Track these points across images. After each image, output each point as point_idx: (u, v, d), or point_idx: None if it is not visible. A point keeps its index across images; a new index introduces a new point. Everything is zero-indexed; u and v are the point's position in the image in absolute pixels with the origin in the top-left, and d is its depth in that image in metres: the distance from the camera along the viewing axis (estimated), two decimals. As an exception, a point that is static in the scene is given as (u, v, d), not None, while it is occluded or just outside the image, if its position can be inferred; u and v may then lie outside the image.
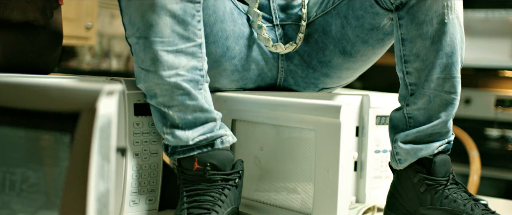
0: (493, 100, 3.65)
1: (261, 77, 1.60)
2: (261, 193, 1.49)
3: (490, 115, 3.65)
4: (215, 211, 1.31)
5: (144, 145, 1.40)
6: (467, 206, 1.42)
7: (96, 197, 0.93)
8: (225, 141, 1.38)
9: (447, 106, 1.43)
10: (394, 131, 1.49)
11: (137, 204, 1.40)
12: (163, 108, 1.34)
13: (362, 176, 1.75)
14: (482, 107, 3.68)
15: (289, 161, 1.44)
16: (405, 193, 1.48)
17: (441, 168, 1.45)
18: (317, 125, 1.34)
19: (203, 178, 1.35)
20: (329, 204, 1.31)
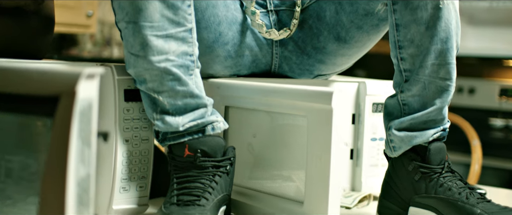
0: (497, 90, 3.62)
1: (255, 64, 1.58)
2: (254, 180, 1.47)
3: (494, 105, 3.61)
4: (205, 198, 1.29)
5: (135, 131, 1.39)
6: (462, 194, 1.40)
7: (76, 182, 0.91)
8: (216, 128, 1.36)
9: (442, 92, 1.41)
10: (388, 118, 1.47)
11: (127, 190, 1.39)
12: (153, 93, 1.32)
13: (358, 164, 1.73)
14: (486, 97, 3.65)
15: (282, 148, 1.42)
16: (399, 181, 1.46)
17: (436, 156, 1.43)
18: (309, 111, 1.32)
19: (194, 164, 1.33)
20: (321, 192, 1.29)
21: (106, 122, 1.37)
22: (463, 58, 3.66)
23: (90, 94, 0.93)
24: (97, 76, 0.94)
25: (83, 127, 0.92)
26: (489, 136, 3.43)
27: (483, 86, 3.68)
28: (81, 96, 0.90)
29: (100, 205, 1.38)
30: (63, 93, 0.91)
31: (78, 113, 0.90)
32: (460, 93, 3.72)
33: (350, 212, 1.61)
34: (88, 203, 0.94)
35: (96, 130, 0.94)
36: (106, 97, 1.37)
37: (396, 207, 1.46)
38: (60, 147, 0.90)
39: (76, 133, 0.90)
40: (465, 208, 1.38)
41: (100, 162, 1.38)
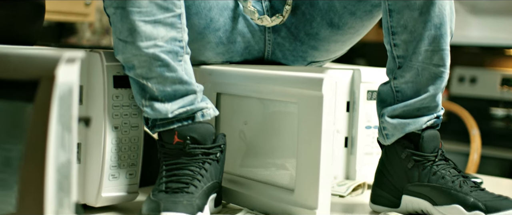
0: (499, 79, 3.60)
1: (248, 50, 1.57)
2: (245, 168, 1.46)
3: (496, 95, 3.59)
4: (194, 186, 1.28)
5: (124, 118, 1.37)
6: (455, 182, 1.38)
7: (56, 168, 0.90)
8: (206, 114, 1.35)
9: (435, 79, 1.39)
10: (381, 105, 1.45)
11: (117, 178, 1.37)
12: (141, 80, 1.31)
13: (352, 152, 1.72)
14: (488, 86, 3.62)
15: (273, 135, 1.40)
16: (392, 169, 1.44)
17: (429, 144, 1.41)
18: (300, 98, 1.30)
19: (183, 152, 1.32)
20: (311, 179, 1.28)
21: (95, 109, 1.35)
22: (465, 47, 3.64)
23: (70, 78, 0.91)
24: (77, 60, 0.92)
25: (63, 112, 0.90)
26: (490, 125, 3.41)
27: (485, 76, 3.65)
28: (61, 80, 0.89)
29: (89, 192, 1.37)
30: (42, 78, 0.89)
31: (58, 97, 0.89)
32: (462, 82, 3.70)
33: (344, 201, 1.60)
34: (69, 189, 0.93)
35: (77, 115, 0.93)
36: (95, 83, 1.35)
37: (389, 195, 1.45)
38: (40, 132, 0.88)
39: (56, 118, 0.89)
40: (458, 196, 1.36)
41: (88, 149, 1.36)
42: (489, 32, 3.56)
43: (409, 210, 1.44)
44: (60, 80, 0.89)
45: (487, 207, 1.33)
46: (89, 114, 1.36)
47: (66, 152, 0.92)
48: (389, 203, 1.45)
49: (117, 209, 1.40)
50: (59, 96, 0.89)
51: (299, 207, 1.30)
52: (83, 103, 1.36)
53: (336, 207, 1.52)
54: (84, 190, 1.37)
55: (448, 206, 1.37)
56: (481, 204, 1.33)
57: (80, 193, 1.37)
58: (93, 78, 1.35)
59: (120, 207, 1.41)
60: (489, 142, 3.17)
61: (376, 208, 1.48)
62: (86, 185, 1.37)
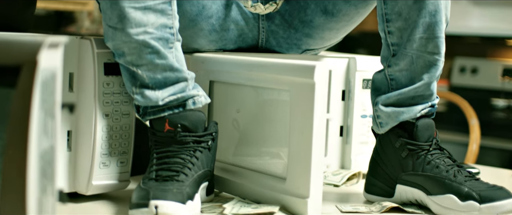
0: (500, 70, 3.58)
1: (242, 38, 1.55)
2: (238, 157, 1.44)
3: (497, 85, 3.57)
4: (184, 174, 1.26)
5: (115, 106, 1.36)
6: (449, 172, 1.37)
7: (39, 154, 0.88)
8: (197, 102, 1.33)
9: (430, 67, 1.37)
10: (375, 93, 1.44)
11: (107, 166, 1.36)
12: (131, 67, 1.29)
13: (347, 141, 1.70)
14: (489, 77, 3.60)
15: (266, 123, 1.39)
16: (387, 159, 1.43)
17: (424, 133, 1.39)
18: (292, 85, 1.29)
19: (174, 140, 1.30)
20: (303, 168, 1.26)
21: (86, 96, 1.34)
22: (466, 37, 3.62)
23: (53, 64, 0.90)
24: (60, 45, 0.90)
25: (46, 97, 0.89)
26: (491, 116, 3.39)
27: (486, 66, 3.63)
28: (43, 66, 0.87)
29: (80, 180, 1.35)
30: (24, 63, 0.87)
31: (40, 83, 0.87)
32: (463, 73, 3.68)
33: (338, 190, 1.58)
34: (52, 176, 0.91)
35: (60, 101, 0.91)
36: (85, 70, 1.34)
37: (383, 185, 1.43)
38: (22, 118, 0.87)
39: (38, 104, 0.87)
40: (452, 186, 1.34)
41: (79, 137, 1.35)
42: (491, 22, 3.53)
43: (403, 200, 1.42)
44: (42, 66, 0.87)
45: (481, 197, 1.31)
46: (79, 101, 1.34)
47: (49, 139, 0.90)
48: (383, 193, 1.44)
49: (108, 198, 1.39)
50: (41, 81, 0.87)
51: (290, 196, 1.29)
52: (74, 90, 1.35)
53: (330, 197, 1.51)
54: (74, 178, 1.36)
55: (442, 196, 1.35)
56: (475, 194, 1.32)
57: (71, 181, 1.36)
58: (84, 65, 1.34)
59: (111, 195, 1.40)
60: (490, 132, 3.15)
61: (370, 198, 1.46)
62: (77, 173, 1.36)
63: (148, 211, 1.17)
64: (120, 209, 1.31)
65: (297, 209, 1.27)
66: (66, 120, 1.34)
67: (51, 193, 0.91)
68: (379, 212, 1.37)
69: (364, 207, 1.40)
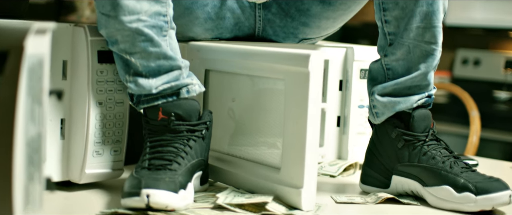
0: (503, 62, 3.55)
1: (238, 27, 1.54)
2: (234, 146, 1.43)
3: (499, 77, 3.55)
4: (177, 163, 1.25)
5: (109, 94, 1.35)
6: (446, 163, 1.35)
7: (26, 142, 0.87)
8: (191, 90, 1.32)
9: (427, 57, 1.36)
10: (372, 83, 1.42)
11: (101, 154, 1.35)
12: (125, 55, 1.28)
13: (344, 132, 1.69)
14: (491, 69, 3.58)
15: (261, 113, 1.37)
16: (383, 149, 1.41)
17: (420, 123, 1.38)
18: (286, 74, 1.27)
19: (168, 128, 1.29)
20: (297, 158, 1.25)
21: (79, 84, 1.33)
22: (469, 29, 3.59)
23: (40, 50, 0.89)
24: (48, 31, 0.89)
25: (33, 84, 0.88)
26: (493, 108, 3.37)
27: (489, 58, 3.61)
28: (30, 52, 0.86)
29: (73, 169, 1.34)
30: (11, 49, 0.86)
31: (27, 69, 0.86)
32: (465, 65, 3.66)
33: (334, 181, 1.57)
34: (39, 163, 0.91)
35: (47, 87, 0.90)
36: (79, 58, 1.33)
37: (379, 175, 1.42)
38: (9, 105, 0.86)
39: (25, 90, 0.86)
40: (448, 177, 1.33)
41: (72, 125, 1.34)
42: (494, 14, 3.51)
43: (399, 191, 1.41)
44: (29, 52, 0.86)
45: (477, 188, 1.30)
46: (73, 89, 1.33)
47: (37, 125, 0.89)
48: (379, 184, 1.42)
49: (101, 186, 1.38)
50: (28, 68, 0.86)
51: (284, 186, 1.27)
52: (67, 78, 1.34)
53: (326, 187, 1.50)
54: (68, 167, 1.35)
55: (438, 187, 1.34)
56: (471, 185, 1.31)
57: (64, 169, 1.35)
58: (77, 53, 1.33)
59: (104, 184, 1.39)
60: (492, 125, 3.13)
61: (365, 189, 1.45)
62: (70, 162, 1.35)
63: (140, 200, 1.16)
64: (113, 198, 1.30)
65: (291, 199, 1.26)
66: (59, 108, 1.33)
67: (38, 181, 0.90)
68: (375, 203, 1.36)
69: (360, 198, 1.39)
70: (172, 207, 1.17)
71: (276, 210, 1.24)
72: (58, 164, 1.34)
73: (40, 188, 0.91)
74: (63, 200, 1.30)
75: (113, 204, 1.26)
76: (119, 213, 1.18)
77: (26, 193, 0.88)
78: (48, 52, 0.90)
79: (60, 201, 1.30)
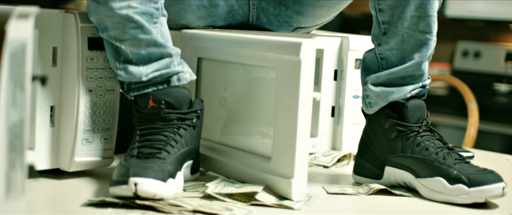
0: (503, 54, 3.53)
1: (231, 14, 1.52)
2: (226, 136, 1.42)
3: (500, 70, 3.53)
4: (166, 151, 1.24)
5: (99, 81, 1.33)
6: (439, 154, 1.34)
7: (7, 127, 0.86)
8: (182, 78, 1.30)
9: (421, 46, 1.34)
10: (365, 72, 1.41)
11: (90, 142, 1.34)
12: (115, 42, 1.27)
13: (339, 122, 1.68)
14: (492, 61, 3.56)
15: (253, 102, 1.36)
16: (376, 140, 1.40)
17: (414, 114, 1.36)
18: (278, 63, 1.26)
19: (158, 116, 1.28)
20: (288, 147, 1.24)
21: (69, 71, 1.31)
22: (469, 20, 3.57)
23: (23, 34, 0.87)
24: (31, 15, 0.88)
25: (15, 69, 0.87)
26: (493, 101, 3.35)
27: (489, 50, 3.59)
28: (12, 36, 0.85)
29: (62, 156, 1.33)
30: (-8, 33, 0.85)
31: (9, 54, 0.85)
32: (466, 57, 3.64)
33: (328, 171, 1.56)
34: (21, 150, 0.89)
35: (30, 73, 0.89)
36: (69, 45, 1.31)
37: (372, 166, 1.41)
38: (-10, 89, 0.85)
39: (7, 75, 0.85)
40: (441, 168, 1.32)
41: (62, 112, 1.33)
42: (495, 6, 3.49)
43: (392, 182, 1.40)
44: (11, 36, 0.85)
45: (470, 180, 1.28)
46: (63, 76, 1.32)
47: (18, 111, 0.88)
48: (372, 175, 1.41)
49: (91, 175, 1.37)
50: (10, 52, 0.85)
51: (275, 176, 1.26)
52: (57, 65, 1.32)
53: (319, 178, 1.49)
54: (57, 154, 1.34)
55: (431, 179, 1.32)
56: (464, 177, 1.29)
57: (53, 157, 1.34)
58: (68, 40, 1.32)
59: (94, 172, 1.38)
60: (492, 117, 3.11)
61: (358, 179, 1.44)
62: (60, 149, 1.34)
63: (128, 188, 1.15)
64: (103, 186, 1.29)
65: (281, 189, 1.25)
66: (49, 95, 1.31)
67: (20, 168, 0.89)
68: (366, 194, 1.34)
69: (352, 188, 1.38)
70: (160, 196, 1.16)
71: (266, 200, 1.23)
72: (48, 151, 1.33)
73: (22, 175, 0.90)
74: (52, 188, 1.29)
75: (102, 192, 1.25)
76: (107, 202, 1.17)
77: (7, 180, 0.87)
78: (31, 37, 0.88)
79: (48, 189, 1.29)
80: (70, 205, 1.19)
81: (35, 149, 1.31)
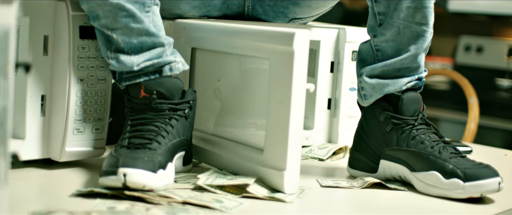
0: (506, 49, 3.50)
1: (227, 5, 1.50)
2: (219, 127, 1.40)
3: (502, 65, 3.50)
4: (157, 142, 1.22)
5: (91, 70, 1.32)
6: (435, 148, 1.32)
7: (-11, 115, 0.84)
8: (174, 68, 1.29)
9: (417, 38, 1.32)
10: (361, 64, 1.39)
11: (82, 132, 1.32)
12: (106, 31, 1.25)
13: (335, 115, 1.66)
14: (494, 56, 3.53)
15: (247, 93, 1.34)
16: (371, 132, 1.38)
17: (409, 106, 1.34)
18: (271, 53, 1.24)
19: (149, 106, 1.26)
20: (280, 139, 1.22)
21: (60, 60, 1.30)
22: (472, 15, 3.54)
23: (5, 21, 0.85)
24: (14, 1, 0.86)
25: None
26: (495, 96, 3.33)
27: (492, 45, 3.56)
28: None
29: (53, 146, 1.32)
30: (-26, 18, 0.83)
31: (-9, 40, 0.83)
32: (468, 52, 3.61)
33: (323, 164, 1.54)
34: (4, 138, 0.88)
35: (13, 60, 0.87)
36: (60, 33, 1.30)
37: (367, 159, 1.39)
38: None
39: (-11, 62, 0.84)
40: (437, 162, 1.30)
41: (53, 102, 1.31)
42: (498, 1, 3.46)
43: (387, 176, 1.38)
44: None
45: (465, 174, 1.27)
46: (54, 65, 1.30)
47: (1, 99, 0.86)
48: (367, 168, 1.39)
49: (82, 165, 1.35)
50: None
51: (267, 168, 1.24)
52: (49, 53, 1.31)
53: (314, 171, 1.47)
54: (48, 144, 1.32)
55: (426, 173, 1.31)
56: (460, 171, 1.27)
57: (44, 147, 1.32)
58: (59, 28, 1.30)
59: (85, 162, 1.37)
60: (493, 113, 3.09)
61: (353, 173, 1.42)
62: (50, 139, 1.32)
63: (116, 179, 1.13)
64: (93, 177, 1.28)
65: (274, 181, 1.23)
66: (40, 84, 1.30)
67: (3, 156, 0.87)
68: (361, 188, 1.33)
69: (346, 182, 1.36)
70: (150, 187, 1.14)
71: (257, 192, 1.21)
72: (39, 141, 1.31)
73: (5, 164, 0.88)
74: (41, 178, 1.28)
75: (92, 183, 1.23)
76: (96, 192, 1.15)
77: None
78: (14, 23, 0.86)
79: (38, 179, 1.27)
80: (58, 195, 1.17)
81: (25, 138, 1.30)
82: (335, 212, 1.22)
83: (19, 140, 1.30)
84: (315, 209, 1.21)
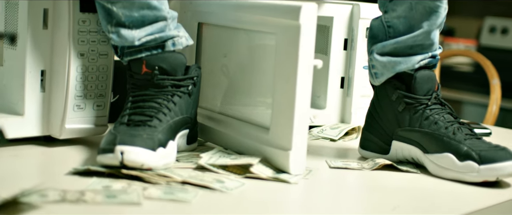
0: (532, 31, 3.42)
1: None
2: (226, 105, 1.35)
3: (528, 47, 3.42)
4: (158, 119, 1.18)
5: (91, 45, 1.27)
6: (449, 129, 1.26)
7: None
8: (177, 43, 1.24)
9: (430, 14, 1.26)
10: (372, 41, 1.33)
11: (82, 109, 1.28)
12: (107, 4, 1.21)
13: (348, 94, 1.60)
14: (520, 38, 3.44)
15: (254, 70, 1.29)
16: (382, 112, 1.32)
17: (423, 85, 1.28)
18: (278, 28, 1.19)
19: (151, 82, 1.22)
20: (286, 118, 1.17)
21: (60, 34, 1.26)
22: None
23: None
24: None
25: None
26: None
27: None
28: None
29: (53, 123, 1.28)
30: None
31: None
32: (493, 33, 3.52)
33: (334, 145, 1.49)
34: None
35: None
36: (60, 6, 1.25)
37: (378, 140, 1.33)
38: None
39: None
40: (450, 144, 1.24)
41: (53, 77, 1.27)
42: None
43: (399, 157, 1.32)
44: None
45: (481, 157, 1.21)
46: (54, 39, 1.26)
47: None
48: (379, 149, 1.34)
49: (83, 142, 1.31)
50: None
51: (273, 148, 1.19)
52: (48, 27, 1.26)
53: (325, 151, 1.42)
54: (48, 121, 1.29)
55: (440, 155, 1.25)
56: (474, 153, 1.21)
57: (44, 124, 1.28)
58: (59, 1, 1.25)
59: (86, 140, 1.33)
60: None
61: (364, 154, 1.36)
62: (50, 116, 1.28)
63: (113, 157, 1.09)
64: (93, 155, 1.24)
65: (279, 161, 1.18)
66: (40, 59, 1.26)
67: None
68: (371, 169, 1.27)
69: (356, 163, 1.31)
70: (148, 166, 1.10)
71: (261, 172, 1.16)
72: (39, 118, 1.28)
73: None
74: (40, 155, 1.24)
75: (91, 161, 1.19)
76: (92, 171, 1.11)
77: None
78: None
79: (36, 156, 1.24)
80: (55, 173, 1.14)
81: (24, 115, 1.26)
82: (341, 194, 1.17)
83: (18, 116, 1.26)
84: (320, 190, 1.16)
